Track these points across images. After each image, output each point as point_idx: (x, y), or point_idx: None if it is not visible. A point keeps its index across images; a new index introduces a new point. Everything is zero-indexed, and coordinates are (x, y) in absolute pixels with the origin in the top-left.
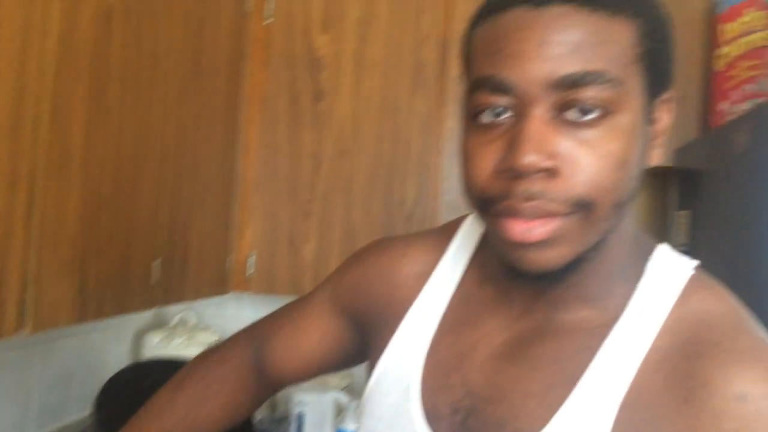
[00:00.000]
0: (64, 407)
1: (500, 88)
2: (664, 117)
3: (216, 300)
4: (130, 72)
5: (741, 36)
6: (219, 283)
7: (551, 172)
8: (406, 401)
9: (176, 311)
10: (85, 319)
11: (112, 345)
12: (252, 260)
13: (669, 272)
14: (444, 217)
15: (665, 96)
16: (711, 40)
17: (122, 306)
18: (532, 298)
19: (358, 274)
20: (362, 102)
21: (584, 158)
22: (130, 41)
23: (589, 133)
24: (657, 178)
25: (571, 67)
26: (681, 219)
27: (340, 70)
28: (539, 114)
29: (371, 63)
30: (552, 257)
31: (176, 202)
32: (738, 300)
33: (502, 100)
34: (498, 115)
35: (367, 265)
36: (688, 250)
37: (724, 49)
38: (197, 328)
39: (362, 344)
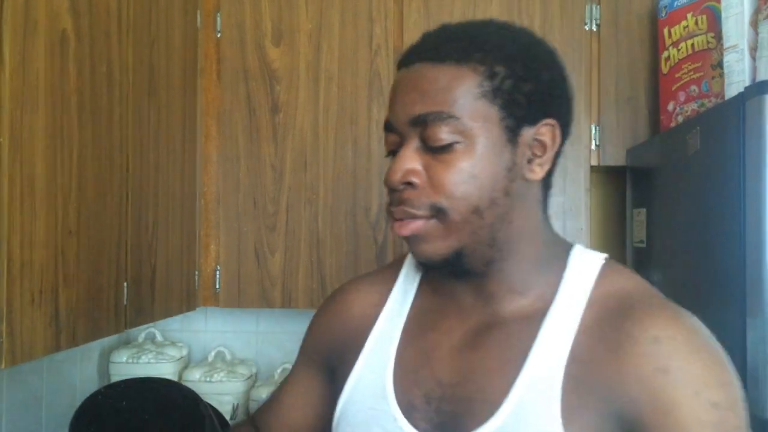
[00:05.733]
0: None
1: (389, 128)
2: (545, 138)
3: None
4: (87, 97)
5: (683, 39)
6: (187, 300)
7: (412, 185)
8: (383, 401)
9: (141, 327)
10: (59, 349)
11: (78, 365)
12: (218, 275)
13: (587, 262)
14: None
15: (545, 122)
16: (657, 44)
17: (95, 332)
18: (473, 297)
19: (319, 325)
20: (320, 113)
21: (439, 174)
22: (84, 66)
23: (445, 156)
24: (614, 176)
25: (419, 109)
26: (638, 216)
27: (295, 82)
28: (410, 144)
29: (326, 74)
30: (428, 249)
31: (140, 222)
32: (645, 281)
33: (393, 137)
34: (395, 149)
35: (325, 312)
36: (646, 248)
37: (669, 52)
38: (165, 344)
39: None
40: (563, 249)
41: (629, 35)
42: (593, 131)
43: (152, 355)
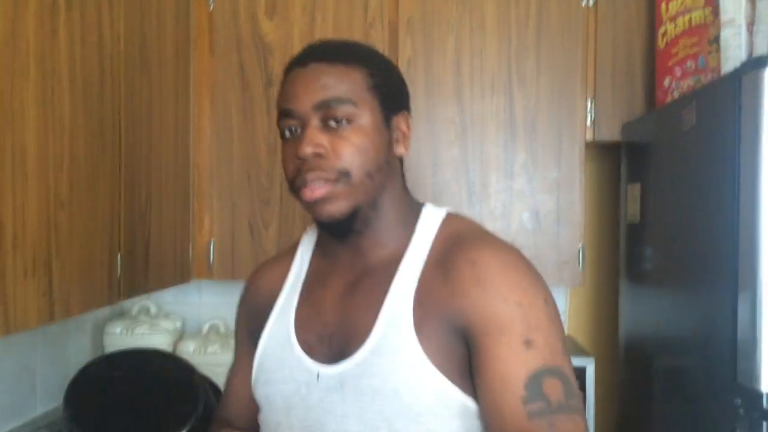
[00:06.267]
0: (30, 402)
1: (290, 114)
2: (403, 126)
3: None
4: (78, 67)
5: (680, 14)
6: (181, 272)
7: (320, 156)
8: (289, 346)
9: (136, 300)
10: (53, 320)
11: (72, 337)
12: (212, 248)
13: (433, 215)
14: None
15: (403, 113)
16: (653, 19)
17: (88, 303)
18: (351, 254)
19: (242, 309)
20: None
21: (340, 147)
22: (75, 35)
23: (343, 132)
24: (609, 152)
25: (323, 95)
26: (632, 192)
27: (289, 54)
28: (312, 125)
29: None
30: (333, 209)
31: (133, 195)
32: (479, 224)
33: (293, 122)
34: (293, 131)
35: (244, 298)
36: (640, 223)
37: (666, 27)
38: (159, 316)
39: None
40: (419, 208)
41: (626, 10)
42: (589, 106)
43: (146, 327)
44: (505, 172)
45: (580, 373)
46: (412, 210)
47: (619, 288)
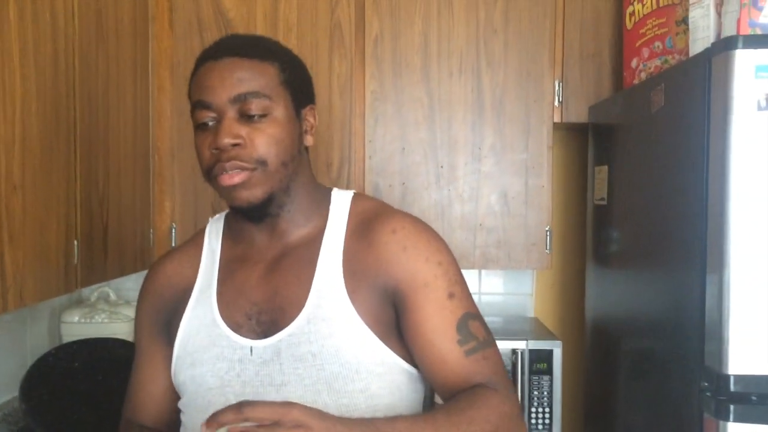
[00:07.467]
0: None
1: (206, 106)
2: (310, 118)
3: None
4: (29, 45)
5: None
6: (141, 258)
7: (239, 145)
8: (216, 327)
9: (94, 286)
10: (5, 309)
11: (28, 325)
12: (174, 233)
13: (343, 196)
14: (371, 179)
15: (310, 106)
16: None
17: (44, 291)
18: (268, 236)
19: (150, 302)
20: None
21: (257, 138)
22: (26, 11)
23: (259, 124)
24: (576, 134)
25: (239, 89)
26: (600, 174)
27: (252, 32)
28: (229, 117)
29: (285, 25)
30: (250, 195)
31: (90, 178)
32: (383, 201)
33: (209, 114)
34: (207, 123)
35: (150, 290)
36: (607, 205)
37: (634, 7)
38: (119, 303)
39: None
40: (327, 192)
41: None
42: (557, 87)
43: (106, 315)
44: (473, 155)
45: (548, 355)
46: (322, 193)
47: (586, 270)
